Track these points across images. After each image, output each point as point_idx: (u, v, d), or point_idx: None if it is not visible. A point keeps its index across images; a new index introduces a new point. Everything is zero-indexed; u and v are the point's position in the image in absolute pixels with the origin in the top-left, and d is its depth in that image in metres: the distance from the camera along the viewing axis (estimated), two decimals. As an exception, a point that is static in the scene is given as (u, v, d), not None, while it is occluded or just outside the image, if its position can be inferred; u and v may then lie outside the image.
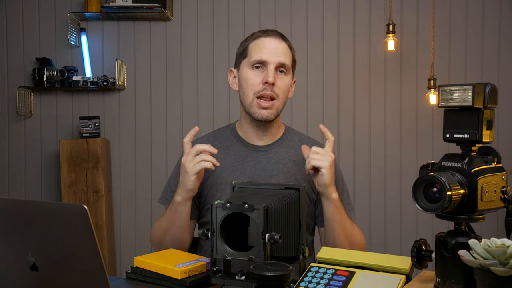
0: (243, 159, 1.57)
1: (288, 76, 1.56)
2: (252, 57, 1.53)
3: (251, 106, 1.53)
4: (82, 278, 0.95)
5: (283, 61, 1.52)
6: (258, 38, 1.55)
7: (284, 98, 1.55)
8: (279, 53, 1.52)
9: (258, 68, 1.53)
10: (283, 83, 1.53)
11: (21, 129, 3.17)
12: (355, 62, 3.10)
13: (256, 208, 1.08)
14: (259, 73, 1.52)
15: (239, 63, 1.59)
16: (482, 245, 0.88)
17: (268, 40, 1.54)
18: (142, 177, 3.16)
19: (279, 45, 1.53)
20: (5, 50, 3.16)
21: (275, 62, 1.51)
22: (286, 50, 1.55)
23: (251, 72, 1.53)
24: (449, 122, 1.01)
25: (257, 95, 1.51)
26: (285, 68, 1.53)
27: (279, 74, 1.53)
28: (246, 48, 1.57)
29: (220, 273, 1.14)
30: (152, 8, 2.95)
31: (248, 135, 1.60)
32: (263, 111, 1.52)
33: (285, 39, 1.57)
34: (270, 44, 1.53)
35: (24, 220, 0.97)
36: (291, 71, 1.58)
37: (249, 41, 1.57)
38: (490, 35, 3.05)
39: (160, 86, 3.16)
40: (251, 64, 1.53)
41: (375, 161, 3.10)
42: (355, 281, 1.09)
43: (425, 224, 3.06)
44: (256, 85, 1.52)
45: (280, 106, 1.55)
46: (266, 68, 1.51)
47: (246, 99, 1.54)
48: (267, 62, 1.51)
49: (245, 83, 1.54)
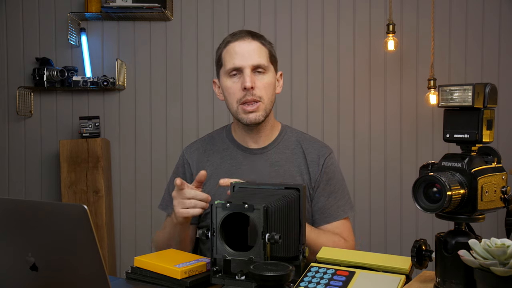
0: (239, 164, 1.56)
1: (269, 74, 1.52)
2: (226, 65, 1.51)
3: (237, 113, 1.52)
4: (82, 278, 0.95)
5: (257, 62, 1.49)
6: (228, 44, 1.52)
7: (269, 97, 1.53)
8: (251, 54, 1.49)
9: (235, 76, 1.51)
10: (263, 83, 1.51)
11: (21, 129, 3.17)
12: (355, 62, 3.10)
13: (256, 208, 1.08)
14: (237, 80, 1.50)
15: (218, 72, 1.58)
16: (482, 245, 0.88)
17: (237, 44, 1.50)
18: (142, 177, 3.16)
19: (250, 46, 1.50)
20: (5, 50, 3.16)
21: (249, 65, 1.48)
22: (258, 49, 1.51)
23: (229, 80, 1.52)
24: (449, 122, 1.01)
25: (240, 102, 1.49)
26: (262, 67, 1.50)
27: (257, 75, 1.50)
28: (220, 57, 1.55)
29: (220, 273, 1.13)
30: (152, 8, 2.95)
31: (242, 138, 1.59)
32: (250, 115, 1.50)
33: (256, 37, 1.53)
34: (240, 48, 1.50)
35: (24, 220, 0.96)
36: (271, 67, 1.54)
37: (221, 49, 1.55)
38: (490, 35, 3.05)
39: (160, 86, 3.16)
40: (227, 72, 1.51)
41: (375, 161, 3.10)
42: (355, 281, 1.09)
43: (425, 224, 3.06)
44: (236, 93, 1.50)
45: (267, 106, 1.52)
46: (242, 73, 1.49)
47: (231, 107, 1.53)
48: (241, 67, 1.49)
49: (227, 92, 1.53)
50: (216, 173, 1.54)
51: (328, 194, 1.56)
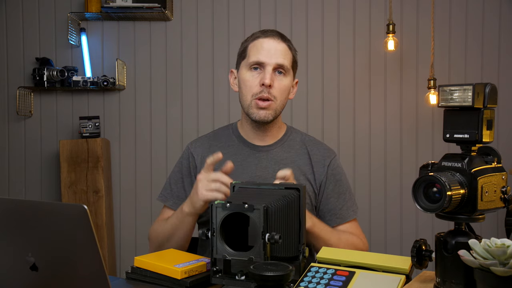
0: (244, 159, 1.57)
1: (288, 77, 1.54)
2: (250, 58, 1.53)
3: (250, 107, 1.53)
4: (82, 278, 0.95)
5: (281, 62, 1.51)
6: (257, 39, 1.54)
7: (282, 100, 1.54)
8: (277, 54, 1.51)
9: (256, 70, 1.52)
10: (281, 84, 1.52)
11: (21, 129, 3.17)
12: (355, 62, 3.10)
13: (256, 208, 1.08)
14: (257, 75, 1.51)
15: (239, 64, 1.59)
16: (482, 245, 0.88)
17: (266, 41, 1.52)
18: (142, 177, 3.16)
19: (278, 45, 1.52)
20: (5, 50, 3.16)
21: (273, 64, 1.50)
22: (285, 51, 1.53)
23: (249, 73, 1.53)
24: (449, 122, 1.01)
25: (255, 97, 1.51)
26: (283, 69, 1.52)
27: (277, 75, 1.52)
28: (245, 49, 1.56)
29: (220, 273, 1.13)
30: (152, 8, 2.95)
31: (249, 135, 1.60)
32: (260, 111, 1.51)
33: (285, 39, 1.55)
34: (268, 45, 1.52)
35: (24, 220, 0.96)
36: (291, 72, 1.56)
37: (249, 42, 1.56)
38: (490, 35, 3.05)
39: (160, 86, 3.16)
40: (249, 65, 1.53)
41: (375, 161, 3.10)
42: (355, 281, 1.09)
43: (425, 224, 3.06)
44: (253, 87, 1.51)
45: (278, 108, 1.53)
46: (264, 70, 1.50)
47: (244, 100, 1.54)
48: (264, 64, 1.50)
49: (244, 84, 1.54)
50: (220, 169, 1.54)
51: (337, 195, 1.58)
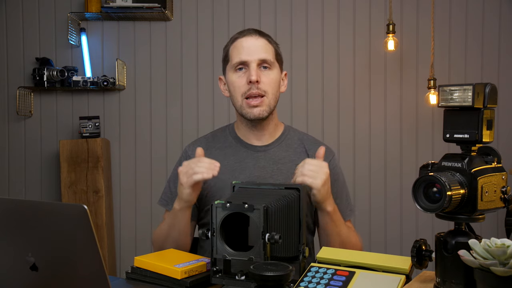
0: (242, 160, 1.57)
1: (274, 71, 1.55)
2: (233, 60, 1.54)
3: (242, 108, 1.53)
4: (82, 278, 0.95)
5: (264, 57, 1.52)
6: (236, 40, 1.56)
7: (274, 94, 1.54)
8: (258, 50, 1.52)
9: (241, 70, 1.53)
10: (269, 78, 1.53)
11: (21, 129, 3.17)
12: (355, 62, 3.10)
13: (256, 208, 1.08)
14: (243, 74, 1.53)
15: (225, 69, 1.60)
16: (482, 245, 0.88)
17: (245, 40, 1.54)
18: (142, 177, 3.16)
19: (257, 42, 1.53)
20: (5, 50, 3.16)
21: (256, 60, 1.51)
22: (265, 46, 1.54)
23: (235, 75, 1.54)
24: (449, 122, 1.01)
25: (245, 96, 1.51)
26: (267, 63, 1.53)
27: (263, 70, 1.53)
28: (227, 53, 1.58)
29: (220, 273, 1.13)
30: (152, 8, 2.95)
31: (246, 136, 1.60)
32: (254, 109, 1.51)
33: (263, 35, 1.57)
34: (247, 43, 1.53)
35: (24, 220, 0.96)
36: (276, 65, 1.57)
37: (229, 45, 1.58)
38: (490, 35, 3.05)
39: (160, 86, 3.16)
40: (233, 67, 1.54)
41: (375, 161, 3.10)
42: (355, 281, 1.09)
43: (425, 224, 3.06)
44: (241, 86, 1.52)
45: (271, 102, 1.54)
46: (248, 68, 1.51)
47: (236, 102, 1.55)
48: (248, 62, 1.51)
49: (232, 86, 1.55)
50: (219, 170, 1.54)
51: (334, 195, 1.57)
